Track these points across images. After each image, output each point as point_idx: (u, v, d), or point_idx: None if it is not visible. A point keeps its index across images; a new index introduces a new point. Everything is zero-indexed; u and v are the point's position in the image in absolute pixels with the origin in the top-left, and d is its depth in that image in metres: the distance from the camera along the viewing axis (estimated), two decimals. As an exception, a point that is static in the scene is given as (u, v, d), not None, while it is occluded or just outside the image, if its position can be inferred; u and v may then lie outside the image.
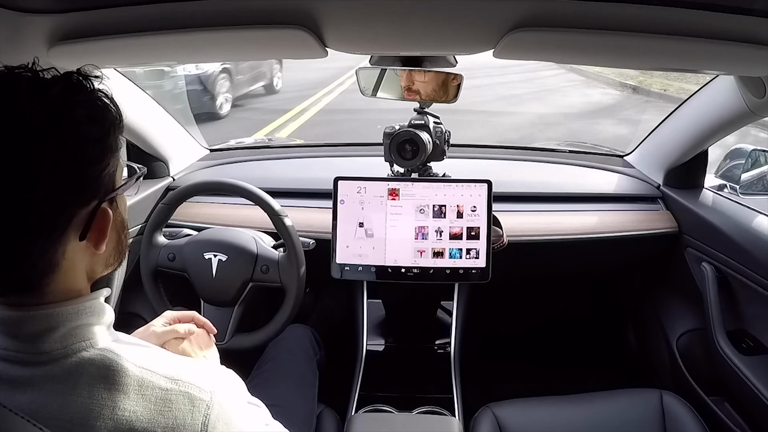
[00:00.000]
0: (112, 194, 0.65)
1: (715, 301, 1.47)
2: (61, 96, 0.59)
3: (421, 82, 1.46)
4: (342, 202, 1.45)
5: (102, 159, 0.62)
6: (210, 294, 1.36)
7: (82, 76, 0.62)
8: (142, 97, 1.62)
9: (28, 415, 0.56)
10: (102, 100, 0.63)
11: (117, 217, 0.68)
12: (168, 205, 1.39)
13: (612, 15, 0.84)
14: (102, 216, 0.63)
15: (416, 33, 0.98)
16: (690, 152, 1.62)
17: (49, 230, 0.58)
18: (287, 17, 0.88)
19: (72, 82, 0.61)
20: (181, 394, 0.62)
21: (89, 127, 0.60)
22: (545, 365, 2.08)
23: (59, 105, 0.58)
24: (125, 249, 0.72)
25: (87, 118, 0.60)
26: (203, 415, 0.61)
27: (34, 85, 0.58)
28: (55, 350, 0.60)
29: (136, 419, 0.59)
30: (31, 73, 0.59)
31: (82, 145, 0.59)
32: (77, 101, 0.60)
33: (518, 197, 1.70)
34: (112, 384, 0.59)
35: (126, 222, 0.72)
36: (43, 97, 0.58)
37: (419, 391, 1.43)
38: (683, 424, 1.26)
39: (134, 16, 0.92)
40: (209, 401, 0.63)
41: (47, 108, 0.57)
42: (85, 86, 0.62)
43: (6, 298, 0.60)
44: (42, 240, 0.58)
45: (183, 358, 0.71)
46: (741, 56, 0.92)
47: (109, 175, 0.64)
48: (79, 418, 0.58)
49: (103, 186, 0.63)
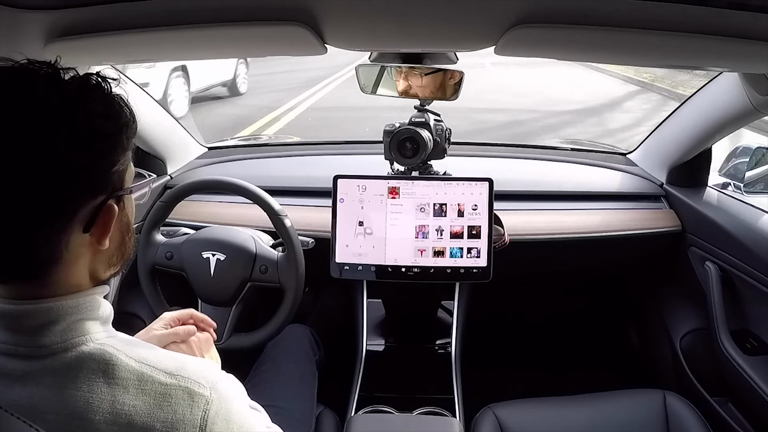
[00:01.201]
0: (121, 192, 0.66)
1: (718, 301, 1.47)
2: (78, 91, 0.61)
3: (419, 86, 1.44)
4: (341, 200, 1.44)
5: (112, 154, 0.63)
6: (208, 293, 1.35)
7: (100, 77, 0.64)
8: (140, 94, 1.61)
9: (27, 409, 0.57)
10: (117, 100, 0.65)
11: (123, 217, 0.68)
12: (166, 203, 1.38)
13: (615, 11, 0.83)
14: (108, 211, 0.64)
15: (416, 29, 0.97)
16: (693, 150, 1.61)
17: (54, 217, 0.59)
18: (286, 13, 0.88)
19: (89, 81, 0.63)
20: (180, 388, 0.62)
21: (103, 122, 0.62)
22: (547, 365, 2.07)
23: (76, 98, 0.60)
24: (129, 252, 0.72)
25: (101, 114, 0.62)
26: (202, 410, 0.62)
27: (53, 78, 0.61)
28: (55, 344, 0.60)
29: (135, 413, 0.59)
30: (51, 69, 0.61)
31: (95, 138, 0.61)
32: (93, 97, 0.62)
33: (520, 196, 1.69)
34: (111, 378, 0.60)
35: (131, 225, 0.72)
36: (60, 90, 0.60)
37: (419, 391, 1.42)
38: (686, 425, 1.25)
39: (131, 12, 0.92)
40: (209, 396, 0.63)
41: (63, 99, 0.59)
42: (102, 87, 0.64)
43: (7, 287, 0.61)
44: (47, 226, 0.59)
45: (183, 354, 0.71)
46: (745, 53, 0.91)
47: (119, 173, 0.65)
48: (78, 412, 0.58)
49: (111, 182, 0.64)
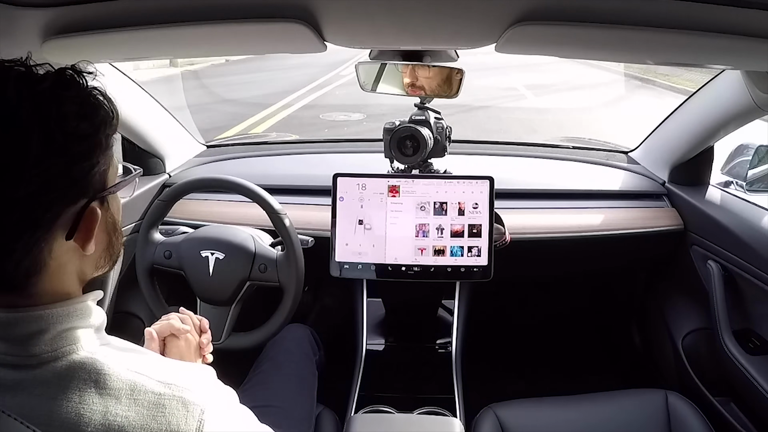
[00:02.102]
0: (102, 194, 0.63)
1: (721, 300, 1.46)
2: (51, 91, 0.58)
3: (426, 77, 1.43)
4: (341, 199, 1.43)
5: (90, 156, 0.60)
6: (207, 293, 1.34)
7: (75, 72, 0.61)
8: (138, 92, 1.60)
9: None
10: (95, 97, 0.62)
11: (108, 218, 0.66)
12: (164, 201, 1.38)
13: (616, 8, 0.83)
14: (90, 215, 0.61)
15: (417, 27, 0.96)
16: (696, 148, 1.60)
17: (33, 227, 0.57)
18: (285, 10, 0.87)
19: (64, 77, 0.60)
20: (174, 398, 0.60)
21: (78, 123, 0.58)
22: (548, 365, 2.06)
23: (48, 99, 0.57)
24: (117, 251, 0.71)
25: (76, 114, 0.58)
26: (197, 420, 0.60)
27: (24, 78, 0.58)
28: (45, 353, 0.59)
29: (127, 424, 0.57)
30: (24, 67, 0.59)
31: (70, 141, 0.58)
32: (67, 97, 0.59)
33: (521, 194, 1.68)
34: (102, 388, 0.58)
35: (118, 224, 0.70)
36: (32, 91, 0.57)
37: (420, 391, 1.41)
38: (688, 425, 1.24)
39: (129, 9, 0.91)
40: (203, 405, 0.61)
41: (35, 102, 0.56)
42: (78, 82, 0.61)
43: None
44: (26, 237, 0.57)
45: (177, 361, 0.70)
46: (747, 50, 0.91)
47: (100, 174, 0.62)
48: (69, 423, 0.56)
49: (92, 185, 0.61)
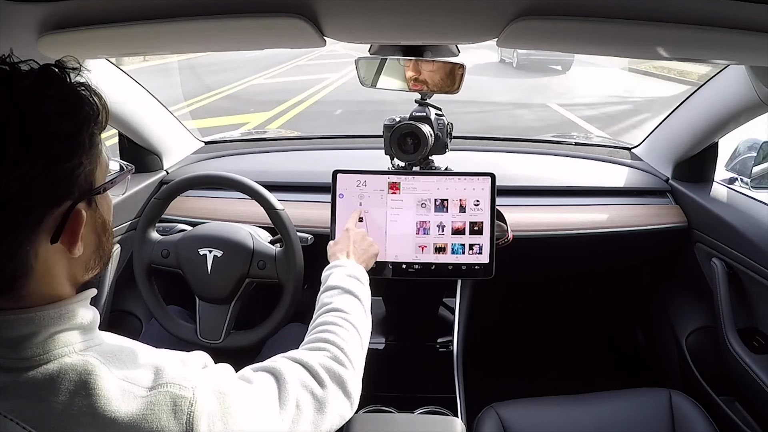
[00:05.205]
0: (89, 195, 0.62)
1: (725, 298, 1.45)
2: (31, 89, 0.56)
3: (429, 71, 1.41)
4: (341, 196, 1.41)
5: (73, 157, 0.59)
6: (205, 291, 1.33)
7: (59, 68, 0.60)
8: (135, 88, 1.59)
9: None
10: (79, 94, 0.60)
11: (97, 218, 0.65)
12: (161, 199, 1.36)
13: (619, 2, 0.81)
14: (75, 218, 0.60)
15: (418, 21, 0.95)
16: (699, 145, 1.59)
17: (15, 231, 0.56)
18: (284, 5, 0.86)
19: (45, 74, 0.58)
20: (161, 394, 0.60)
21: (60, 122, 0.57)
22: (551, 364, 2.06)
23: (27, 99, 0.55)
24: (107, 252, 0.69)
25: (57, 113, 0.57)
26: (186, 414, 0.60)
27: (4, 77, 0.56)
28: (37, 356, 0.58)
29: (118, 426, 0.57)
30: (8, 66, 0.57)
31: (50, 142, 0.56)
32: (48, 95, 0.57)
33: (523, 191, 1.67)
34: (93, 390, 0.58)
35: (108, 224, 0.68)
36: (11, 90, 0.55)
37: (421, 390, 1.40)
38: (692, 424, 1.23)
39: (126, 4, 0.90)
40: (191, 397, 0.62)
41: (14, 102, 0.55)
42: (62, 79, 0.59)
43: None
44: (8, 242, 0.56)
45: (168, 352, 0.69)
46: (753, 45, 0.89)
47: (85, 174, 0.61)
48: (60, 426, 0.56)
49: (77, 185, 0.60)
